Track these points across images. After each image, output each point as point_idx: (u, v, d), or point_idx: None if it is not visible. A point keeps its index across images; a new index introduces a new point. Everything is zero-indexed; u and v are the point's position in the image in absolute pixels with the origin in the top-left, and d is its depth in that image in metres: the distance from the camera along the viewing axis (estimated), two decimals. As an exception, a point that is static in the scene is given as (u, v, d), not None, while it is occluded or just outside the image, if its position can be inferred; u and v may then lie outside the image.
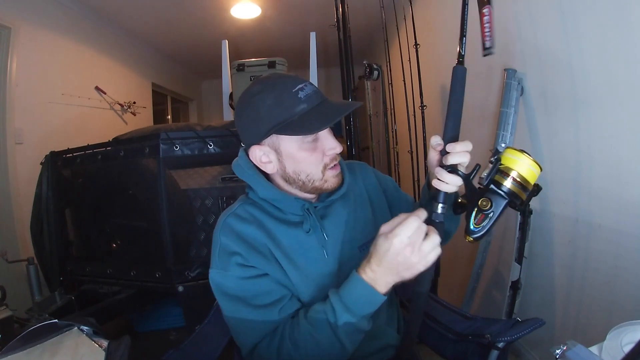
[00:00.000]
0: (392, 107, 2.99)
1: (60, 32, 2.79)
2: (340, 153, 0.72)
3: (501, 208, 0.58)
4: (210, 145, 1.62)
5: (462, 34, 0.67)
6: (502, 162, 0.60)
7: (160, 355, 0.78)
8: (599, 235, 1.20)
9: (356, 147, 2.12)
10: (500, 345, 0.69)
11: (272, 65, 2.56)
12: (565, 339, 0.53)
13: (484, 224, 0.58)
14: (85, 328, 0.79)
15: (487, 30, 0.70)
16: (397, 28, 2.40)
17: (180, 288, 1.54)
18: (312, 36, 2.49)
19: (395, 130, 2.87)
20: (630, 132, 1.07)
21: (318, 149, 0.68)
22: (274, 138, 0.68)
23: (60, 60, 2.78)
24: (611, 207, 1.15)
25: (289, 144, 0.68)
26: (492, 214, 0.58)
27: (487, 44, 0.71)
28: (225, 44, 2.71)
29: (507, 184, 0.58)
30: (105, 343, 0.73)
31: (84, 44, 3.06)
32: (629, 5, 1.02)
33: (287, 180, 0.71)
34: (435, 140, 0.64)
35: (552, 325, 1.40)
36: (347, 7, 2.07)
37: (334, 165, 0.71)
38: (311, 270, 0.71)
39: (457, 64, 0.66)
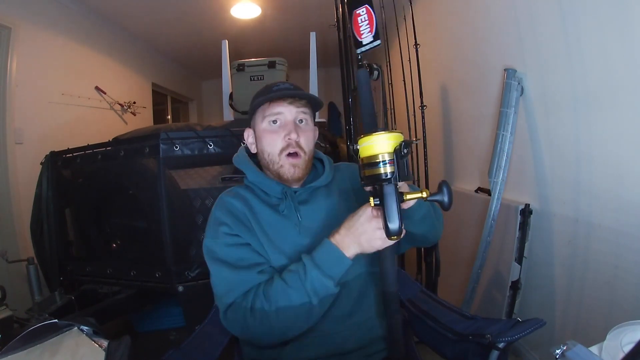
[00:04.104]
0: (392, 107, 2.99)
1: (60, 32, 2.79)
2: (301, 145, 0.80)
3: (384, 192, 0.57)
4: (210, 145, 1.62)
5: (358, 41, 0.71)
6: (360, 155, 0.60)
7: (160, 355, 0.78)
8: (599, 235, 1.20)
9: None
10: (501, 345, 0.68)
11: (272, 65, 2.56)
12: (565, 339, 0.53)
13: (384, 216, 0.58)
14: (85, 328, 0.79)
15: (362, 28, 0.74)
16: (397, 28, 2.40)
17: (180, 288, 1.53)
18: (312, 36, 2.48)
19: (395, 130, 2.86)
20: (630, 132, 1.07)
21: (279, 133, 0.80)
22: (254, 121, 0.84)
23: (60, 60, 2.78)
24: (611, 207, 1.15)
25: (260, 125, 0.82)
26: (381, 204, 0.58)
27: (365, 40, 0.74)
28: (225, 44, 2.71)
29: (364, 173, 0.59)
30: (105, 343, 0.73)
31: (84, 44, 3.06)
32: (629, 5, 1.02)
33: (261, 159, 0.84)
34: None
35: (552, 325, 1.41)
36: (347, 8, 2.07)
37: (291, 153, 0.80)
38: (283, 244, 0.79)
39: (358, 68, 0.70)
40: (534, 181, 1.52)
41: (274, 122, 0.81)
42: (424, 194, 0.59)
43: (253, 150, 0.86)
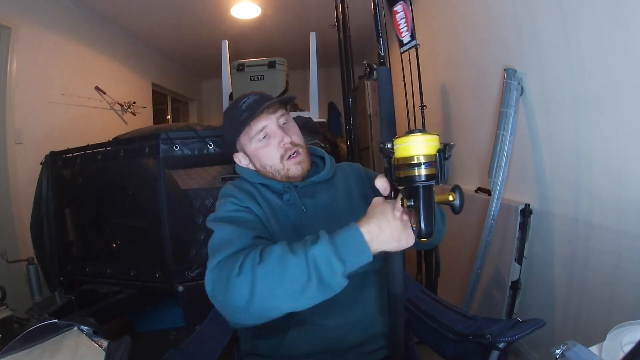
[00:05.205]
0: (392, 107, 2.98)
1: (60, 32, 2.79)
2: (296, 143, 0.83)
3: (420, 195, 0.55)
4: (210, 145, 1.62)
5: (378, 36, 0.68)
6: (395, 155, 0.57)
7: (160, 355, 0.78)
8: (599, 235, 1.20)
9: (356, 147, 2.12)
10: (501, 345, 0.69)
11: (272, 65, 2.56)
12: (565, 339, 0.53)
13: (418, 218, 0.55)
14: (85, 328, 0.79)
15: (402, 26, 0.72)
16: (397, 28, 2.40)
17: (180, 288, 1.53)
18: (312, 36, 2.48)
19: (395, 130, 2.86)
20: (630, 132, 1.07)
21: (271, 144, 0.82)
22: (241, 144, 0.86)
23: (60, 60, 2.78)
24: (611, 207, 1.15)
25: (249, 145, 0.84)
26: (417, 206, 0.55)
27: (405, 39, 0.72)
28: (225, 44, 2.71)
29: (399, 174, 0.56)
30: (105, 343, 0.73)
31: (84, 44, 3.06)
32: (629, 5, 1.02)
33: (264, 173, 0.85)
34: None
35: (552, 325, 1.41)
36: (347, 7, 2.07)
37: (292, 155, 0.82)
38: (290, 227, 0.80)
39: (378, 65, 0.67)
40: (534, 181, 1.52)
41: (263, 136, 0.82)
42: (451, 197, 0.57)
43: (252, 168, 0.88)
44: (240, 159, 0.89)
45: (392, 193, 0.63)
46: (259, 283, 0.59)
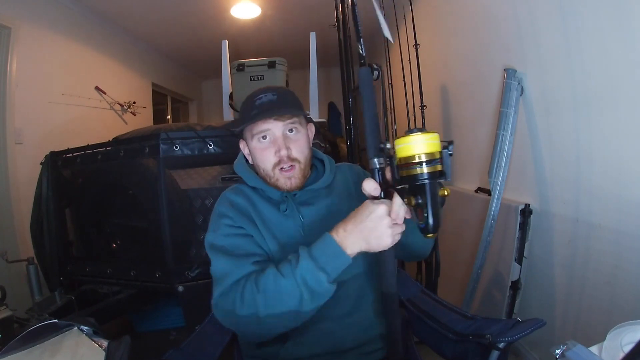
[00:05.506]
0: (392, 107, 2.99)
1: (60, 32, 2.79)
2: (294, 158, 0.81)
3: (427, 192, 0.56)
4: (210, 145, 1.62)
5: (358, 35, 0.68)
6: (397, 156, 0.59)
7: (160, 355, 0.78)
8: (599, 235, 1.20)
9: (356, 147, 2.12)
10: (501, 345, 0.69)
11: (272, 65, 2.56)
12: (565, 339, 0.53)
13: (425, 215, 0.56)
14: (85, 328, 0.79)
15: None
16: (397, 28, 2.40)
17: (180, 288, 1.53)
18: (312, 36, 2.48)
19: (395, 130, 2.86)
20: (631, 131, 1.07)
21: (270, 150, 0.81)
22: (245, 136, 0.85)
23: (60, 60, 2.78)
24: (611, 207, 1.15)
25: (251, 141, 0.83)
26: (424, 203, 0.56)
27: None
28: (225, 44, 2.71)
29: (402, 173, 0.58)
30: (105, 343, 0.73)
31: (84, 44, 3.06)
32: (629, 5, 1.02)
33: (258, 172, 0.85)
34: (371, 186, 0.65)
35: (552, 325, 1.40)
36: (347, 7, 2.07)
37: (285, 168, 0.80)
38: (287, 242, 0.80)
39: (360, 66, 0.67)
40: (534, 181, 1.52)
41: (263, 137, 0.81)
42: (446, 192, 0.58)
43: (250, 161, 0.87)
44: (243, 147, 0.89)
45: (382, 193, 0.64)
46: (261, 309, 0.66)
